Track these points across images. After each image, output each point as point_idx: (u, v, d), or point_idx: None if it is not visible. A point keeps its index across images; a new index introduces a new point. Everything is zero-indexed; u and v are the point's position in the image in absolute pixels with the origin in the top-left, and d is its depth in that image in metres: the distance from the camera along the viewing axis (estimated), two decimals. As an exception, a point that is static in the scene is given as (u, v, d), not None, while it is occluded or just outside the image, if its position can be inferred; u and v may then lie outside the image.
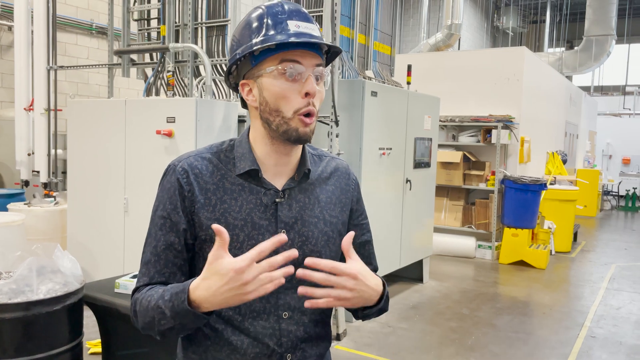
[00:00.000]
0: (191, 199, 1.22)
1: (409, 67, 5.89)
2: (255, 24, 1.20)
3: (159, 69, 4.93)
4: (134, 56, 5.40)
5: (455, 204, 7.92)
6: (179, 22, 5.05)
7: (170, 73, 4.72)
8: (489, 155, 7.83)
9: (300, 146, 1.29)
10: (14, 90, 6.17)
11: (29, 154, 6.07)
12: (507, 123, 7.56)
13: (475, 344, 4.47)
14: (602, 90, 20.81)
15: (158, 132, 4.28)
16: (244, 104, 1.27)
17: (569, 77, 18.55)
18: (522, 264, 7.28)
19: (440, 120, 7.54)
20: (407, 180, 5.54)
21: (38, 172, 5.92)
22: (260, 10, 1.22)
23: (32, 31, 5.90)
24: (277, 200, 1.24)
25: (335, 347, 4.26)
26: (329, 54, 1.27)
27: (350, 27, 5.06)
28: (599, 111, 16.65)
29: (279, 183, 1.26)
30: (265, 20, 1.19)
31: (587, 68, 14.88)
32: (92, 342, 3.89)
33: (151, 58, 5.32)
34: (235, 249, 1.20)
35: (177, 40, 5.04)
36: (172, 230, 1.22)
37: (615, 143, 17.07)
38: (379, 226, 5.03)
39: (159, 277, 1.22)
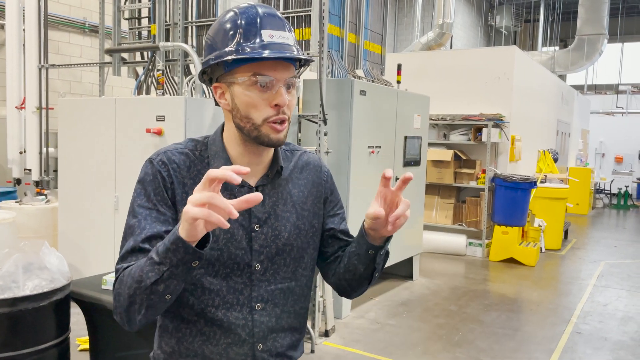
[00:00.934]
0: (172, 190, 1.25)
1: (399, 66, 5.94)
2: (229, 30, 1.22)
3: (150, 67, 4.96)
4: (125, 55, 5.43)
5: (446, 202, 7.97)
6: (169, 21, 5.08)
7: (161, 72, 4.76)
8: (480, 153, 7.88)
9: None
10: (6, 89, 6.18)
11: (20, 152, 6.09)
12: (497, 122, 7.62)
13: (461, 340, 4.52)
14: (596, 89, 20.94)
15: (148, 131, 4.31)
16: (217, 102, 1.31)
17: (563, 76, 18.67)
18: (512, 261, 7.35)
19: (431, 119, 7.60)
20: (397, 179, 5.58)
21: (30, 170, 5.94)
22: (233, 14, 1.23)
23: (24, 29, 5.92)
24: None
25: (323, 343, 4.30)
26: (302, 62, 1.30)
27: (340, 27, 5.10)
28: (592, 110, 16.75)
29: (252, 180, 1.30)
30: (239, 27, 1.21)
31: (580, 67, 14.97)
32: (81, 338, 3.93)
33: (142, 57, 5.35)
34: (212, 243, 1.24)
35: (167, 39, 5.07)
36: (158, 220, 1.22)
37: (608, 141, 17.18)
38: (368, 224, 5.08)
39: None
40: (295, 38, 1.28)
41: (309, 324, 4.23)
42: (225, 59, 1.19)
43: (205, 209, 0.97)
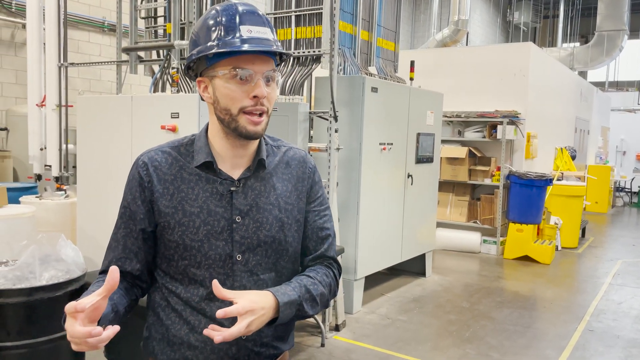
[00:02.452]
0: (150, 189, 1.33)
1: (412, 63, 5.95)
2: (210, 26, 1.28)
3: (165, 65, 5.05)
4: (141, 53, 5.53)
5: (460, 199, 7.95)
6: (184, 20, 5.16)
7: (175, 70, 4.84)
8: (495, 150, 7.84)
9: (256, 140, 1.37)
10: (27, 87, 6.34)
11: (41, 149, 6.23)
12: (512, 119, 7.58)
13: (472, 336, 4.53)
14: (617, 85, 20.58)
15: (163, 128, 4.40)
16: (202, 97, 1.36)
17: (583, 73, 18.39)
18: (526, 259, 7.31)
19: (445, 116, 7.60)
20: (409, 175, 5.60)
21: (50, 166, 6.09)
22: (214, 12, 1.30)
23: (44, 29, 6.06)
24: (232, 189, 1.33)
25: (333, 337, 4.35)
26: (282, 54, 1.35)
27: (352, 24, 5.14)
28: (612, 107, 16.47)
29: (236, 173, 1.35)
30: (219, 23, 1.27)
31: (599, 63, 14.74)
32: (98, 329, 4.03)
33: (158, 55, 5.44)
34: (192, 234, 1.30)
35: (182, 38, 5.15)
36: (130, 218, 1.35)
37: (630, 139, 16.87)
38: (378, 220, 5.12)
39: (117, 261, 1.35)
40: (275, 34, 1.32)
41: (319, 318, 4.28)
42: (206, 53, 1.25)
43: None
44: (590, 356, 4.24)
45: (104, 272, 1.37)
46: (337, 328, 4.48)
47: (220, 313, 1.16)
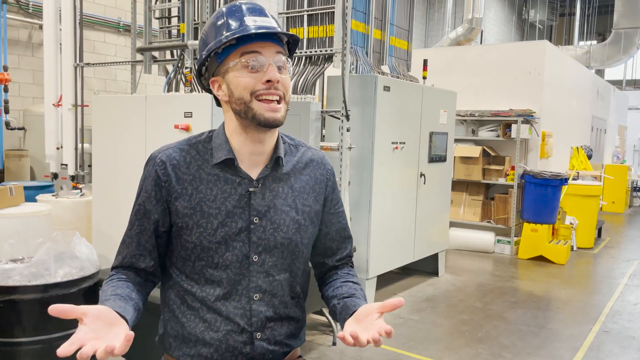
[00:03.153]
0: (168, 189, 1.33)
1: (425, 61, 5.93)
2: (216, 26, 1.30)
3: (179, 65, 5.09)
4: (156, 53, 5.58)
5: (474, 198, 7.91)
6: (197, 20, 5.21)
7: (188, 69, 4.88)
8: (509, 150, 7.79)
9: (275, 135, 1.37)
10: (44, 87, 6.43)
11: (57, 148, 6.33)
12: (527, 117, 7.51)
13: (485, 336, 4.51)
14: (635, 84, 20.30)
15: (176, 127, 4.43)
16: (218, 103, 1.36)
17: (601, 71, 18.17)
18: (541, 259, 7.25)
19: (459, 115, 7.56)
20: (422, 175, 5.59)
21: (66, 165, 6.18)
22: (219, 12, 1.32)
23: (61, 29, 6.15)
24: (251, 189, 1.33)
25: (345, 336, 4.35)
26: (291, 44, 1.35)
27: (365, 23, 5.13)
28: (630, 105, 16.25)
29: (254, 173, 1.35)
30: (224, 20, 1.29)
31: (616, 61, 14.55)
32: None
33: (171, 55, 5.50)
34: (210, 236, 1.31)
35: (195, 38, 5.19)
36: (145, 216, 1.34)
37: (648, 138, 16.66)
38: (391, 219, 5.11)
39: (130, 258, 1.35)
40: (280, 26, 1.33)
41: (331, 318, 4.29)
42: (215, 47, 1.27)
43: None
44: (605, 357, 4.19)
45: (117, 267, 1.38)
46: (348, 327, 4.47)
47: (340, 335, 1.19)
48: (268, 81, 1.25)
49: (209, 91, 1.36)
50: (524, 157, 7.79)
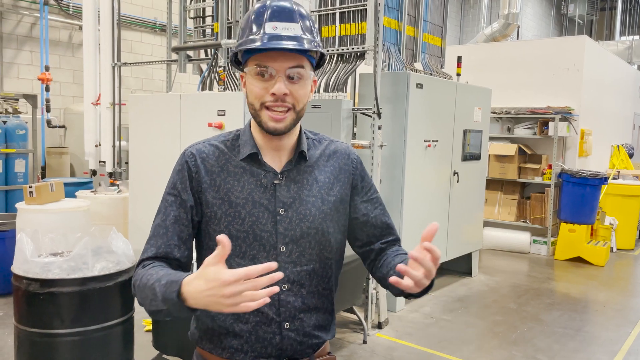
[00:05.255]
0: (198, 180, 1.37)
1: (459, 58, 5.84)
2: (245, 24, 1.33)
3: (212, 64, 5.16)
4: (190, 52, 5.67)
5: (509, 197, 7.76)
6: (231, 19, 5.26)
7: (222, 68, 4.94)
8: (546, 148, 7.61)
9: (296, 131, 1.40)
10: (83, 86, 6.61)
11: (96, 146, 6.50)
12: (565, 115, 7.32)
13: (519, 338, 4.42)
14: (681, 80, 19.51)
15: (210, 125, 4.50)
16: None
17: (643, 67, 17.52)
18: (579, 260, 7.06)
19: (494, 112, 7.42)
20: (455, 173, 5.51)
21: (104, 162, 6.35)
22: (250, 9, 1.34)
23: (99, 30, 6.31)
24: (276, 181, 1.36)
25: (376, 335, 4.35)
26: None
27: (398, 20, 5.09)
28: (675, 102, 15.65)
29: (278, 165, 1.38)
30: (250, 20, 1.31)
31: (661, 57, 14.02)
32: (148, 320, 4.17)
33: (206, 54, 5.57)
34: (238, 225, 1.33)
35: (229, 37, 5.25)
36: (181, 206, 1.36)
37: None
38: (423, 218, 5.06)
39: (165, 248, 1.34)
40: (314, 30, 1.33)
41: (362, 316, 4.28)
42: (233, 51, 1.33)
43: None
44: (645, 362, 4.06)
45: (150, 258, 1.35)
46: (379, 326, 4.47)
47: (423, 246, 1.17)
48: (273, 94, 1.29)
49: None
50: (561, 155, 7.60)
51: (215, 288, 1.07)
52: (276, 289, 1.09)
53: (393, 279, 1.20)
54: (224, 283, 1.06)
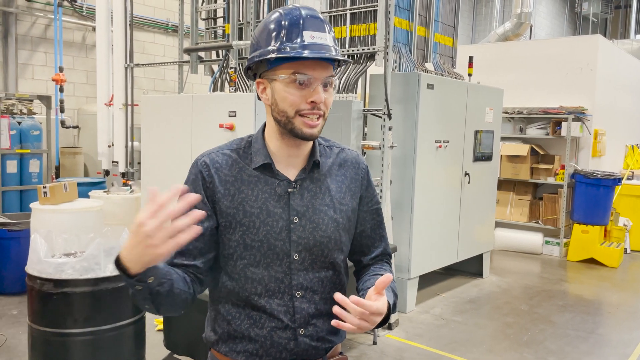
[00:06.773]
0: (212, 189, 1.37)
1: (471, 58, 5.81)
2: (273, 30, 1.31)
3: (224, 65, 5.19)
4: (202, 53, 5.71)
5: (521, 198, 7.71)
6: (242, 21, 5.29)
7: (233, 69, 4.97)
8: (559, 148, 7.55)
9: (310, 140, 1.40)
10: (96, 87, 6.67)
11: (109, 146, 6.56)
12: (578, 115, 7.26)
13: (530, 340, 4.40)
14: (697, 78, 19.23)
15: (221, 126, 4.53)
16: (259, 97, 1.40)
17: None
18: (592, 261, 7.00)
19: (506, 113, 7.38)
20: (466, 174, 5.49)
21: (117, 162, 6.40)
22: (278, 15, 1.32)
23: (112, 31, 6.36)
24: (290, 190, 1.37)
25: (386, 335, 4.35)
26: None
27: (409, 20, 5.08)
28: (691, 101, 15.42)
29: (291, 174, 1.39)
30: (282, 27, 1.30)
31: (677, 55, 13.80)
32: (159, 319, 4.21)
33: (217, 55, 5.61)
34: (253, 234, 1.35)
35: (240, 38, 5.28)
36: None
37: None
38: (434, 219, 5.05)
39: (180, 257, 1.34)
40: (335, 38, 1.34)
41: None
42: (268, 57, 1.29)
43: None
44: (659, 366, 4.02)
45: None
46: (389, 327, 4.46)
47: (338, 297, 1.18)
48: (312, 102, 1.29)
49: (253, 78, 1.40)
50: (574, 155, 7.53)
51: (137, 234, 1.08)
52: (201, 213, 1.10)
53: (336, 309, 1.20)
54: (141, 223, 1.07)
